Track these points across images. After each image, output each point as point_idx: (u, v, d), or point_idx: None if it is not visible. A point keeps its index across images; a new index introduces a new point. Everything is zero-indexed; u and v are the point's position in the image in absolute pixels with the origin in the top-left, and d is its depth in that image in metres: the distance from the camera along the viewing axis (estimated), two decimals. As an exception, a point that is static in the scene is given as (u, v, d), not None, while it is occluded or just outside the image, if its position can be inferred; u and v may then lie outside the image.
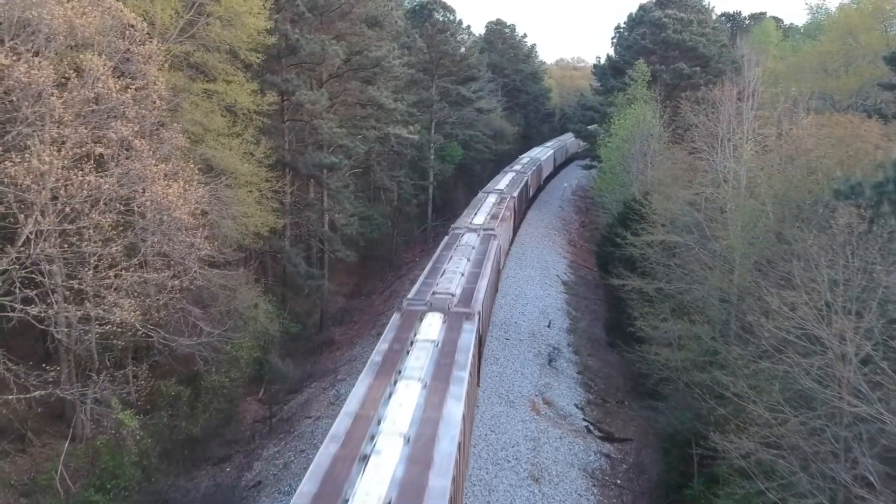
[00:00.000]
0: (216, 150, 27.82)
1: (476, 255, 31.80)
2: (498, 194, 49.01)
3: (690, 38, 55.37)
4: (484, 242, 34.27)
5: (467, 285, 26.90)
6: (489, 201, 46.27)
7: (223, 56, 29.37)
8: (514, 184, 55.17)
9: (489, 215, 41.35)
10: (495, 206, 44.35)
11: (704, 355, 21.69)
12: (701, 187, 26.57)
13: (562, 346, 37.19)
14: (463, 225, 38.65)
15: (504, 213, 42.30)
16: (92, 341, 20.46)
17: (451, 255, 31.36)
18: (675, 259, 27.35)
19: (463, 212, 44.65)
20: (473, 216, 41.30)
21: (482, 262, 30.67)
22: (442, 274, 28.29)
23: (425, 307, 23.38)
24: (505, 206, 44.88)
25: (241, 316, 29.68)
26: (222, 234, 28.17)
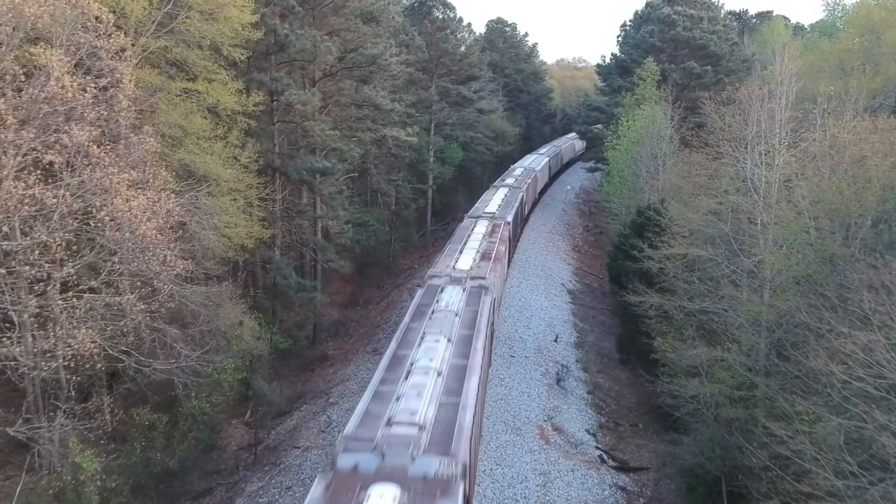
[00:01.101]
0: (196, 155, 25.44)
1: (460, 331, 21.26)
2: (489, 220, 39.57)
3: (701, 35, 53.09)
4: (473, 302, 24.42)
5: (441, 412, 16.18)
6: (478, 231, 36.39)
7: (205, 53, 27.00)
8: (506, 204, 45.62)
9: (478, 254, 31.47)
10: (485, 240, 34.69)
11: (739, 388, 19.31)
12: (726, 195, 24.22)
13: (570, 363, 34.89)
14: (444, 272, 28.45)
15: (497, 250, 32.70)
16: (39, 376, 18.05)
17: (424, 334, 20.44)
18: (696, 273, 25.01)
19: (445, 247, 34.33)
20: (457, 257, 31.13)
21: (470, 343, 20.33)
22: (405, 379, 17.56)
23: (365, 477, 13.18)
24: (498, 237, 35.75)
25: (224, 335, 27.30)
26: (203, 247, 25.78)
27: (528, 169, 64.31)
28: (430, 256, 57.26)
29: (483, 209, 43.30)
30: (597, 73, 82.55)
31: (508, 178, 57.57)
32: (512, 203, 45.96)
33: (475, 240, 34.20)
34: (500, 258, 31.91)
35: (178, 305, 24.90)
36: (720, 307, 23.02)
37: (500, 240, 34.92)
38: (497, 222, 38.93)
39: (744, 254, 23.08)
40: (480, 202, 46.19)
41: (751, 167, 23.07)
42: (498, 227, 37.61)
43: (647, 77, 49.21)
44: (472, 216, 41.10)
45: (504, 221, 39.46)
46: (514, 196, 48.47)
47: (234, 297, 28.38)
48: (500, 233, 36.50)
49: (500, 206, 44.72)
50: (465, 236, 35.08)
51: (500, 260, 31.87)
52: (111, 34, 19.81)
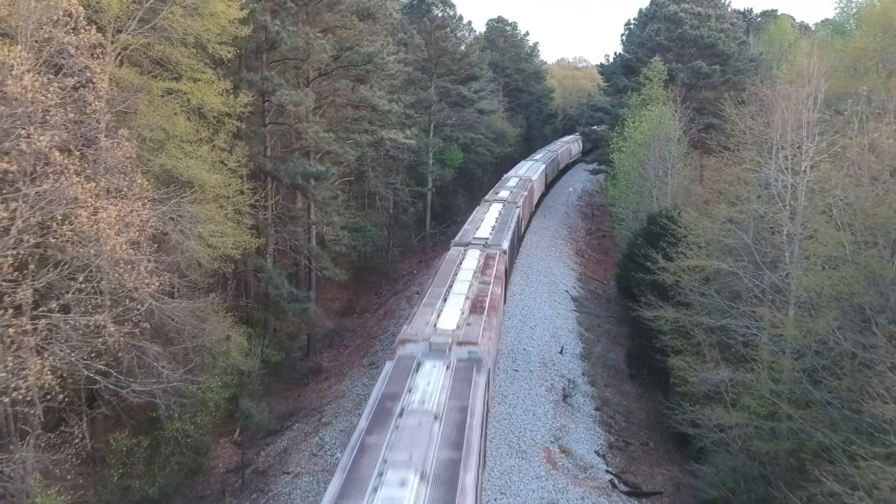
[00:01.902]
0: (179, 160, 23.75)
1: (440, 454, 14.26)
2: (480, 249, 32.12)
3: (709, 34, 51.40)
4: (460, 389, 17.39)
5: None
6: (467, 266, 28.88)
7: (189, 50, 25.32)
8: (501, 225, 38.00)
9: (467, 301, 24.01)
10: (476, 278, 27.12)
11: (769, 418, 17.62)
12: (747, 203, 22.54)
13: (576, 377, 33.17)
14: (421, 333, 20.50)
15: (491, 295, 24.98)
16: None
17: (385, 463, 13.69)
18: (714, 284, 23.34)
19: (425, 289, 26.30)
20: (440, 307, 23.21)
21: (454, 480, 13.36)
22: None
23: None
24: (492, 273, 27.95)
25: (209, 351, 25.64)
26: (187, 258, 24.12)
27: (523, 179, 56.87)
28: (429, 261, 55.72)
29: (473, 233, 35.68)
30: (599, 72, 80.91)
31: (502, 191, 50.06)
32: (507, 223, 38.57)
33: (463, 279, 26.80)
34: (495, 306, 24.14)
35: (159, 321, 23.31)
36: (742, 324, 21.33)
37: (495, 277, 27.63)
38: (490, 251, 31.70)
39: (767, 266, 21.41)
40: (470, 223, 38.46)
41: (774, 173, 21.40)
42: (492, 259, 30.21)
43: (654, 77, 47.53)
44: (461, 243, 33.18)
45: (499, 250, 32.02)
46: (509, 214, 41.40)
47: (221, 310, 26.79)
48: (494, 266, 29.11)
49: (494, 228, 37.06)
50: (450, 273, 27.59)
51: (496, 308, 24.01)
52: (82, 29, 18.12)
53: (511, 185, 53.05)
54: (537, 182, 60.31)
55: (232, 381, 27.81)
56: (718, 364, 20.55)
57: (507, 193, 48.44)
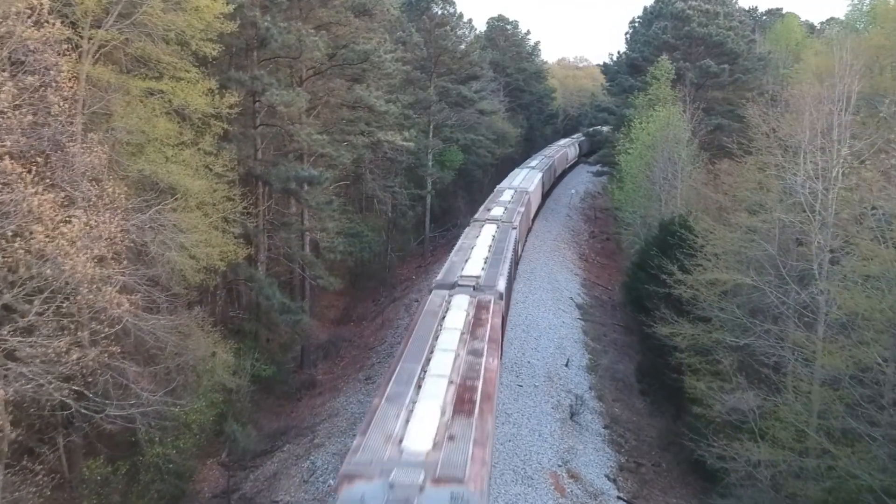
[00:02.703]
0: (159, 165, 22.07)
1: None
2: (469, 294, 23.82)
3: (717, 31, 49.75)
4: None
5: None
6: (452, 322, 20.95)
7: (172, 47, 23.65)
8: (495, 256, 29.84)
9: (451, 386, 16.84)
10: (464, 344, 19.49)
11: (803, 454, 15.94)
12: (770, 212, 20.87)
13: (583, 392, 31.51)
14: (375, 463, 13.32)
15: (485, 371, 17.86)
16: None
17: None
18: (735, 299, 21.67)
19: (395, 366, 18.35)
20: (409, 408, 15.72)
21: None
22: None
23: None
24: (485, 334, 20.32)
25: (193, 370, 23.97)
26: (169, 270, 22.45)
27: (518, 191, 49.71)
28: (429, 266, 54.07)
29: (461, 269, 27.65)
30: (602, 72, 79.32)
31: (495, 207, 42.37)
32: (502, 253, 30.59)
33: (447, 347, 18.89)
34: (489, 394, 16.87)
35: (137, 339, 21.68)
36: (767, 344, 19.66)
37: (490, 340, 19.70)
38: (483, 297, 23.76)
39: (793, 281, 19.75)
40: (457, 253, 30.59)
41: (802, 179, 19.74)
42: (484, 310, 22.45)
43: (662, 76, 45.92)
44: (445, 285, 25.25)
45: (493, 294, 24.19)
46: (504, 239, 33.48)
47: (207, 324, 25.09)
48: (488, 321, 21.30)
49: (487, 261, 28.96)
50: (429, 336, 19.80)
51: (490, 398, 16.79)
52: (45, 23, 16.46)
53: (505, 200, 45.64)
54: (534, 194, 53.40)
55: (219, 400, 26.14)
56: (745, 389, 18.87)
57: (502, 211, 40.95)
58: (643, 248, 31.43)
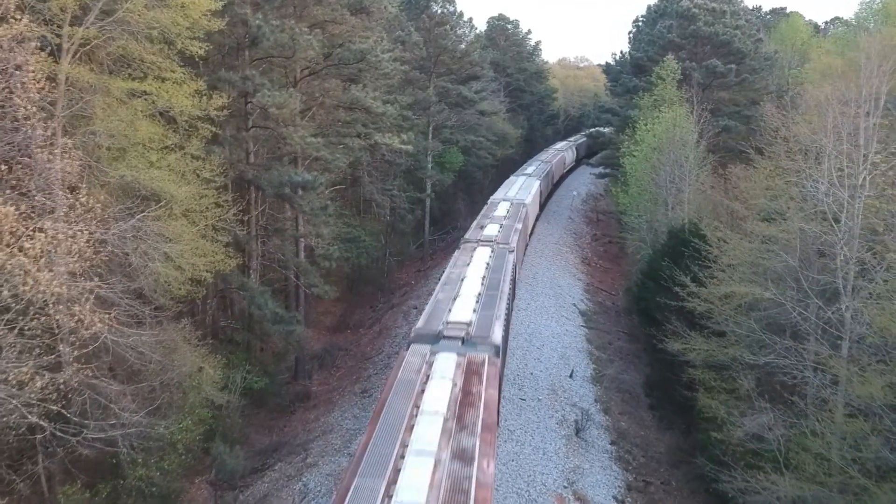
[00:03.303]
0: (141, 171, 20.80)
1: None
2: (457, 352, 18.64)
3: (724, 31, 48.50)
4: None
5: None
6: (431, 405, 15.55)
7: (156, 46, 22.39)
8: (489, 293, 24.42)
9: None
10: (446, 444, 14.17)
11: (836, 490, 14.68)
12: (790, 221, 19.62)
13: (589, 405, 30.28)
14: None
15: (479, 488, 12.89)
16: None
17: None
18: (753, 314, 20.41)
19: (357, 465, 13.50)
20: None
21: None
22: None
23: None
24: (476, 429, 14.78)
25: (179, 386, 22.72)
26: (152, 282, 21.21)
27: (514, 203, 44.17)
28: (428, 271, 52.82)
29: (448, 308, 22.33)
30: (604, 72, 78.08)
31: (489, 224, 37.01)
32: (498, 286, 25.29)
33: (423, 448, 13.86)
34: None
35: (118, 356, 20.42)
36: (790, 363, 18.41)
37: (484, 430, 14.82)
38: (474, 355, 18.46)
39: (815, 295, 18.49)
40: (444, 288, 25.10)
41: (826, 186, 18.48)
42: (476, 373, 17.46)
43: (668, 76, 44.65)
44: (426, 336, 19.98)
45: (488, 349, 19.02)
46: (500, 265, 28.31)
47: (193, 338, 23.81)
48: (480, 398, 16.14)
49: (479, 298, 23.64)
50: (402, 424, 14.84)
51: None
52: (11, 19, 15.22)
53: (500, 215, 40.09)
54: (531, 206, 48.05)
55: (207, 416, 24.89)
56: (765, 411, 17.60)
57: (497, 229, 35.49)
58: (652, 257, 30.10)
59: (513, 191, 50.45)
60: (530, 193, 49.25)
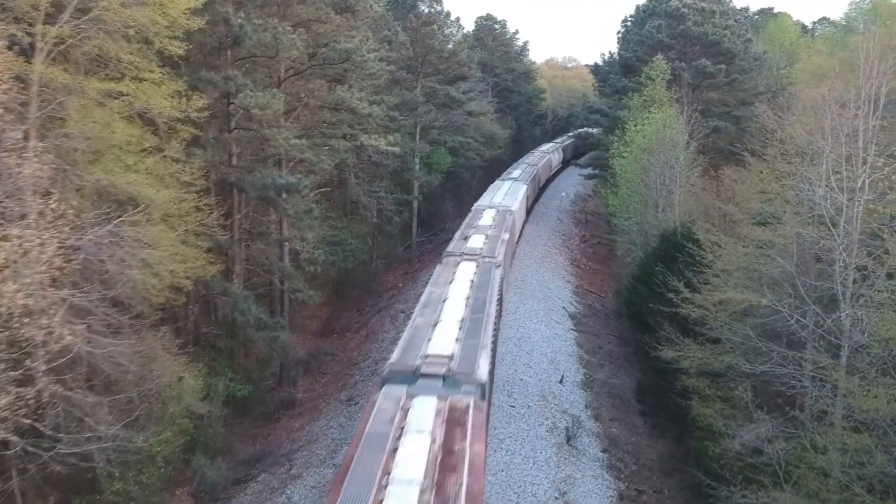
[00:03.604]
0: (117, 175, 20.07)
1: None
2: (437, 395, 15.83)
3: (713, 30, 48.09)
4: None
5: None
6: (407, 472, 12.78)
7: (134, 45, 21.67)
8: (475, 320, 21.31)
9: None
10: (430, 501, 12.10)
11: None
12: (787, 225, 19.13)
13: (579, 411, 29.75)
14: None
15: None
16: None
17: None
18: (749, 321, 19.91)
19: None
20: None
21: None
22: None
23: None
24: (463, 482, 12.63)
25: (158, 396, 22.00)
26: (128, 290, 20.49)
27: (501, 210, 41.24)
28: (415, 273, 52.16)
29: (428, 337, 19.55)
30: (592, 72, 77.73)
31: (474, 236, 33.45)
32: (484, 308, 22.40)
33: None
34: None
35: (92, 367, 19.71)
36: (785, 372, 17.92)
37: (469, 499, 12.41)
38: (457, 400, 15.74)
39: (813, 301, 18.01)
40: (423, 311, 22.18)
41: (824, 190, 17.99)
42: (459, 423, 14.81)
43: (657, 76, 44.22)
44: (402, 373, 17.23)
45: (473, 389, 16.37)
46: (485, 282, 25.28)
47: (173, 346, 23.09)
48: (464, 455, 13.57)
49: (463, 324, 20.69)
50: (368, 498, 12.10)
51: None
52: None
53: (486, 224, 36.95)
54: (518, 212, 45.08)
55: (188, 426, 24.18)
56: (763, 421, 17.09)
57: (482, 241, 32.20)
58: (643, 261, 29.56)
59: (498, 196, 47.44)
60: (517, 199, 46.63)
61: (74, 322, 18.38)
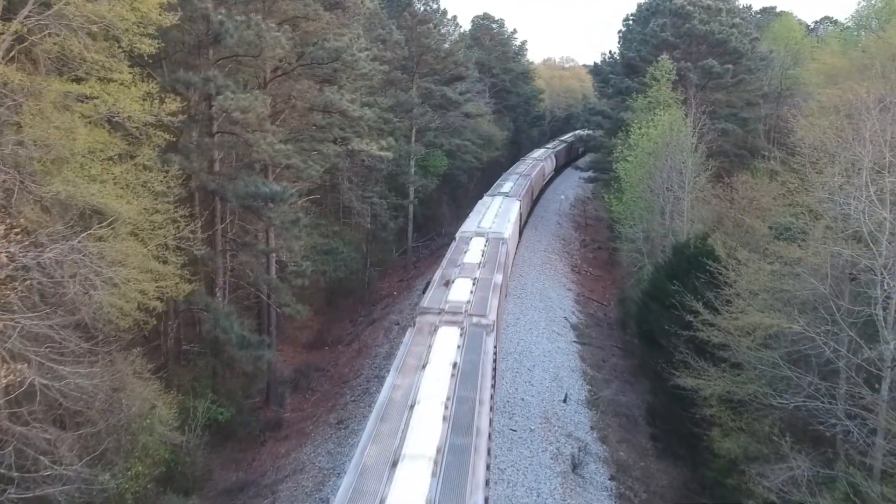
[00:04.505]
0: (78, 186, 18.15)
1: None
2: None
3: (720, 29, 46.31)
4: None
5: None
6: None
7: (100, 43, 19.79)
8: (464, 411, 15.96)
9: None
10: None
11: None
12: (820, 243, 17.29)
13: (585, 434, 27.93)
14: None
15: None
16: None
17: None
18: (776, 348, 18.06)
19: None
20: None
21: None
22: None
23: None
24: None
25: (128, 428, 20.11)
26: (92, 313, 18.60)
27: (492, 239, 33.86)
28: (411, 281, 50.30)
29: (403, 435, 14.96)
30: (592, 73, 75.87)
31: (458, 280, 26.38)
32: (472, 411, 16.05)
33: None
34: None
35: (51, 399, 17.80)
36: (820, 406, 16.09)
37: None
38: None
39: (848, 327, 16.17)
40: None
41: (864, 203, 16.15)
42: None
43: (662, 77, 42.40)
44: None
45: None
46: (472, 368, 18.50)
47: (146, 371, 21.20)
48: None
49: (448, 420, 15.65)
50: None
51: None
52: None
53: (472, 263, 29.21)
54: (511, 238, 37.72)
55: (164, 455, 22.27)
56: (796, 459, 15.25)
57: (468, 289, 25.12)
58: (654, 275, 27.61)
59: (487, 219, 39.40)
60: (508, 221, 38.94)
61: (29, 349, 16.60)
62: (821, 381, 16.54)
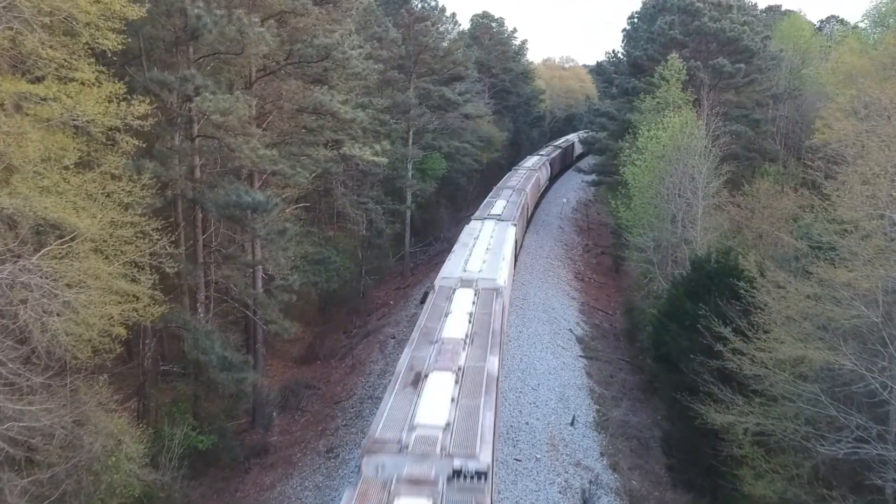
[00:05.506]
0: (31, 199, 16.08)
1: None
2: None
3: (731, 27, 44.26)
4: None
5: None
6: None
7: (60, 38, 17.75)
8: None
9: None
10: None
11: None
12: (870, 265, 15.23)
13: (595, 462, 25.90)
14: None
15: None
16: None
17: None
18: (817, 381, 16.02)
19: None
20: None
21: None
22: None
23: None
24: None
25: (90, 468, 18.05)
26: (50, 339, 16.54)
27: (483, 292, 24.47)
28: (408, 289, 48.27)
29: None
30: (595, 73, 74.04)
31: (433, 375, 16.87)
32: None
33: None
34: None
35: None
36: (867, 450, 14.05)
37: None
38: None
39: None
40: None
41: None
42: None
43: (672, 77, 40.36)
44: None
45: None
46: None
47: (111, 402, 19.13)
48: None
49: None
50: None
51: None
52: None
53: (453, 337, 19.49)
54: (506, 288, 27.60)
55: (134, 492, 20.21)
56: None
57: (448, 392, 16.02)
58: (671, 293, 25.47)
59: (476, 258, 29.47)
60: (503, 259, 29.61)
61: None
62: (872, 422, 14.51)
